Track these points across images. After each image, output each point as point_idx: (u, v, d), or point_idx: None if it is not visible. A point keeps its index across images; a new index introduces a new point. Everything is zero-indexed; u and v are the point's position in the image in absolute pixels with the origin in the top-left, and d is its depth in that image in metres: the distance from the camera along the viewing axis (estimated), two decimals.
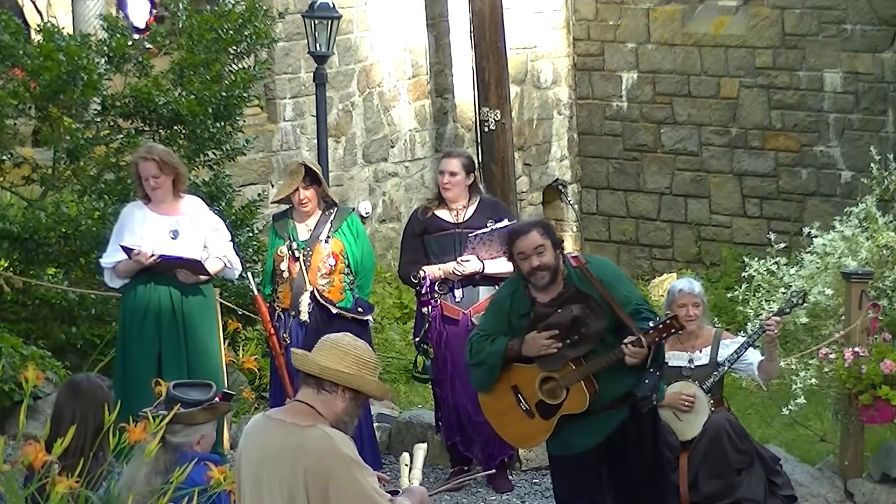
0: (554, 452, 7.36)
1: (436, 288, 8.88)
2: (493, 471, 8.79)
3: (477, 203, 8.99)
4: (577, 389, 7.03)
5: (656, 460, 7.38)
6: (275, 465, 5.00)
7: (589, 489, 7.23)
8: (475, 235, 8.75)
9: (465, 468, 8.98)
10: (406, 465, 5.44)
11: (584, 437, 7.14)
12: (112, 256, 8.56)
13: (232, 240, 8.74)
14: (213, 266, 8.58)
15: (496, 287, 8.84)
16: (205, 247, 8.56)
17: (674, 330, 7.02)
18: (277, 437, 5.03)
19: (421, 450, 5.48)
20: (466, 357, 7.34)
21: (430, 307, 8.94)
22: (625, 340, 6.90)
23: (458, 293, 8.90)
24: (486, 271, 8.80)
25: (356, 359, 5.05)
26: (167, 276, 8.49)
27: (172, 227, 8.50)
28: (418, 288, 8.95)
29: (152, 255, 8.38)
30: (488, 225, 8.84)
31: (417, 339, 9.06)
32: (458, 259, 8.80)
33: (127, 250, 8.41)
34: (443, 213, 8.98)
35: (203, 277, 8.57)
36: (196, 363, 8.50)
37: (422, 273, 8.87)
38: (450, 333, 8.90)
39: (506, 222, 8.85)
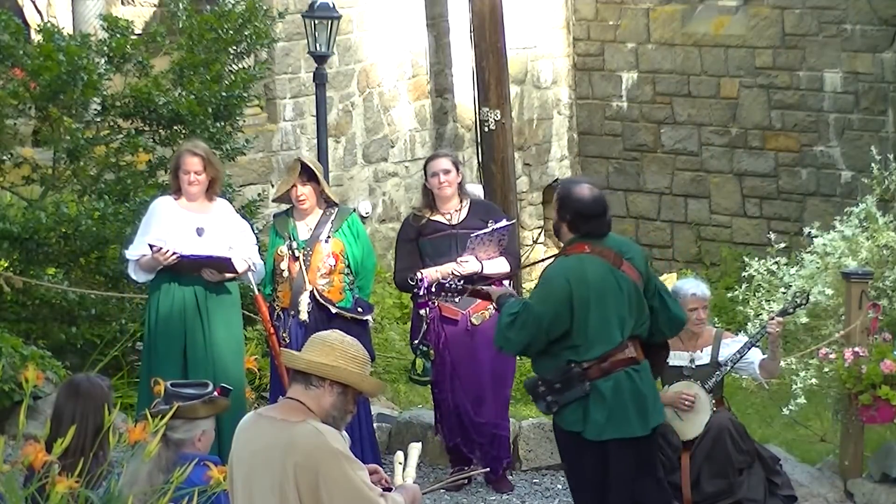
0: None
1: (432, 290, 8.85)
2: (488, 469, 8.77)
3: (469, 205, 8.97)
4: None
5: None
6: (265, 461, 5.00)
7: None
8: (476, 236, 8.72)
9: (465, 468, 8.96)
10: (400, 463, 5.44)
11: None
12: (137, 249, 8.53)
13: (257, 244, 8.74)
14: (238, 266, 8.57)
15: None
16: (230, 248, 8.54)
17: None
18: (268, 434, 5.03)
19: (415, 449, 5.48)
20: None
21: (427, 309, 8.92)
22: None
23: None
24: (484, 272, 8.79)
25: (342, 353, 5.06)
26: (192, 275, 8.47)
27: (199, 224, 8.49)
28: (415, 291, 8.91)
29: (173, 255, 8.36)
30: (489, 225, 8.82)
31: (416, 341, 9.00)
32: (458, 259, 8.78)
33: (152, 247, 8.38)
34: (436, 217, 8.96)
35: (228, 276, 8.56)
36: (220, 361, 8.49)
37: (419, 276, 8.85)
38: (449, 334, 8.88)
39: (504, 222, 8.85)
